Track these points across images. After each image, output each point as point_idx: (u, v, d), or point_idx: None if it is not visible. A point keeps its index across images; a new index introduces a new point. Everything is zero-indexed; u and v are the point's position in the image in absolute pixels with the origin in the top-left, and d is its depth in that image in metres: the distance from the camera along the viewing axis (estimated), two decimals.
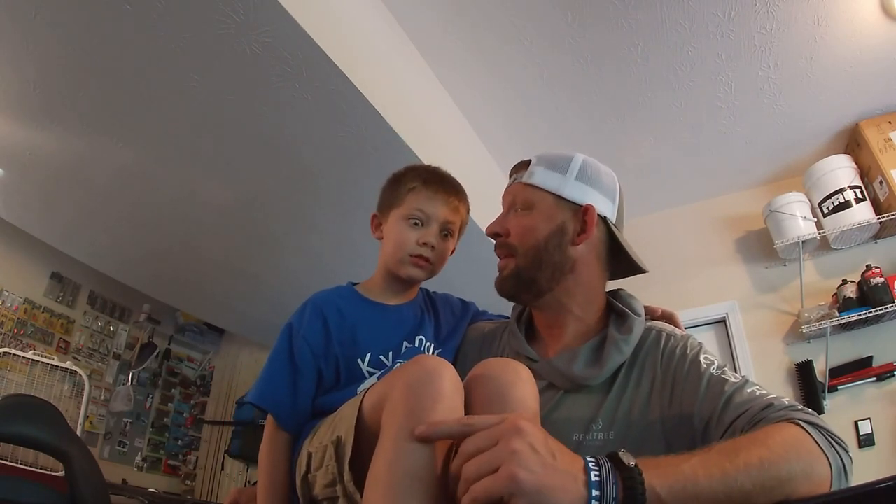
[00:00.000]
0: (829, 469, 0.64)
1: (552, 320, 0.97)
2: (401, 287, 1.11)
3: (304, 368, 0.99)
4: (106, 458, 3.68)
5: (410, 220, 1.07)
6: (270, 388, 1.00)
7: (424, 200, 1.07)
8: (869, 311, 2.55)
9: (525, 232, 0.94)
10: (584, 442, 0.83)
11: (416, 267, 1.06)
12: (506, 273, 0.96)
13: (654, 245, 3.32)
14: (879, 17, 2.27)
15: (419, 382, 0.69)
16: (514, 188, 1.01)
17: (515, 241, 0.95)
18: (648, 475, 0.58)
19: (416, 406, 0.67)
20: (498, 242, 0.99)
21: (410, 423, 0.65)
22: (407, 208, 1.08)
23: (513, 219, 0.97)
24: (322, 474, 0.81)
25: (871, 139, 2.71)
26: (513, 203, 0.99)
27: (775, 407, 0.73)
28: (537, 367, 0.91)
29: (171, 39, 1.73)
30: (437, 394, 0.68)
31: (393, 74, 2.22)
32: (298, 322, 1.03)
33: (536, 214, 0.95)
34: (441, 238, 1.08)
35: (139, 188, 2.55)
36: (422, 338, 1.07)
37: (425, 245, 1.05)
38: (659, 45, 2.36)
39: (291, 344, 1.01)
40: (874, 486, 0.53)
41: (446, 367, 0.71)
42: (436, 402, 0.67)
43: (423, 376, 0.69)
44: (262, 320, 3.85)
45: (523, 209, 0.97)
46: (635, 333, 0.90)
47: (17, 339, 3.30)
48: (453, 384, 0.70)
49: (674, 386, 0.84)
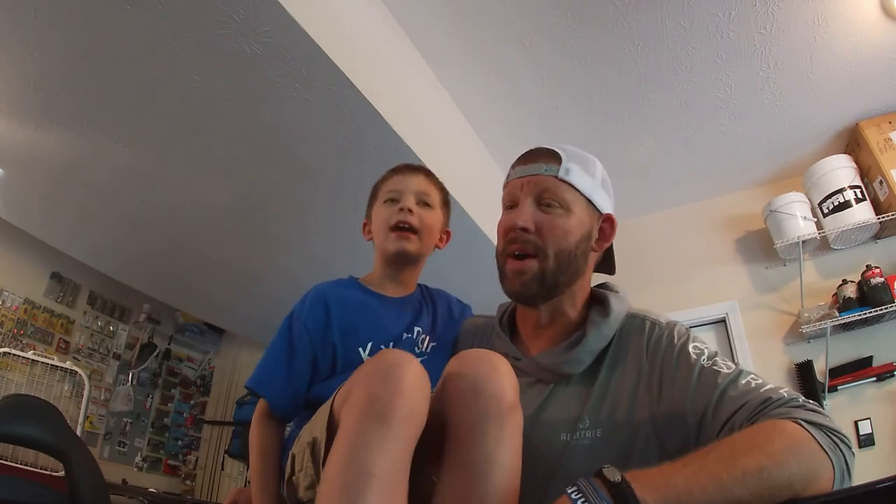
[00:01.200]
0: (832, 471, 0.63)
1: (545, 320, 0.93)
2: (397, 272, 1.12)
3: (300, 352, 1.01)
4: (106, 458, 3.68)
5: (387, 200, 1.12)
6: (267, 373, 1.01)
7: (394, 181, 1.13)
8: (869, 311, 2.55)
9: (561, 234, 0.88)
10: (572, 442, 0.81)
11: (401, 239, 1.08)
12: (529, 276, 0.88)
13: (654, 245, 3.33)
14: (879, 17, 2.27)
15: (379, 376, 0.67)
16: (545, 180, 0.89)
17: (546, 241, 0.88)
18: (639, 488, 0.57)
19: (375, 399, 0.65)
20: (521, 237, 0.88)
21: (368, 417, 0.63)
22: (381, 195, 1.14)
23: (544, 216, 0.89)
24: (303, 476, 0.80)
25: (871, 139, 2.71)
26: (541, 196, 0.89)
27: (774, 401, 0.70)
28: (523, 365, 0.90)
29: (171, 39, 1.73)
30: (396, 387, 0.66)
31: (393, 74, 2.22)
32: (300, 309, 1.05)
33: (573, 217, 0.89)
34: (420, 207, 1.10)
35: (139, 188, 2.55)
36: (419, 329, 1.08)
37: (402, 210, 1.08)
38: (659, 45, 2.36)
39: (291, 330, 1.03)
40: (874, 486, 0.53)
41: (409, 361, 0.69)
42: (394, 396, 0.65)
43: (384, 369, 0.68)
44: (262, 320, 3.85)
45: (560, 207, 0.89)
46: (616, 313, 0.89)
47: (17, 339, 3.30)
48: (416, 378, 0.68)
49: (662, 379, 0.81)
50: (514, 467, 0.68)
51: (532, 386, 0.89)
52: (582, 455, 0.79)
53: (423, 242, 1.10)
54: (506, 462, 0.67)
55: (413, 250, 1.09)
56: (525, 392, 0.88)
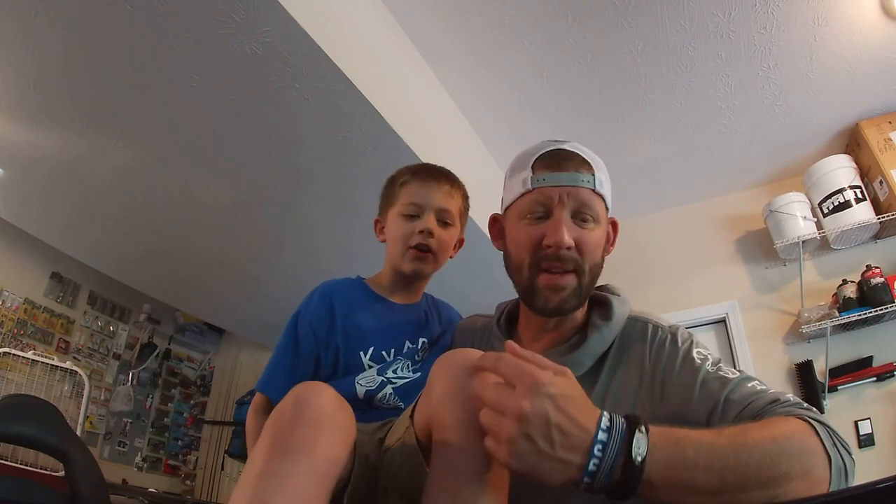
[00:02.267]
0: (829, 468, 0.63)
1: (552, 324, 0.91)
2: (408, 285, 1.12)
3: (304, 351, 1.01)
4: (106, 458, 3.68)
5: (406, 214, 1.08)
6: (273, 373, 1.02)
7: (416, 191, 1.09)
8: (869, 311, 2.55)
9: (596, 248, 0.88)
10: None
11: (418, 260, 1.07)
12: (568, 291, 0.86)
13: (654, 245, 3.33)
14: (879, 17, 2.27)
15: (282, 408, 0.67)
16: (584, 194, 0.86)
17: (585, 258, 0.86)
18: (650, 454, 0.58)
19: (278, 432, 0.64)
20: (563, 255, 0.84)
21: (271, 450, 0.62)
22: (401, 204, 1.09)
23: (581, 231, 0.86)
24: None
25: (871, 139, 2.71)
26: (579, 210, 0.86)
27: (780, 402, 0.71)
28: None
29: (172, 39, 1.73)
30: (300, 419, 0.65)
31: (393, 74, 2.22)
32: (306, 308, 1.05)
33: (602, 230, 0.89)
34: (440, 226, 1.08)
35: (139, 188, 2.55)
36: (424, 340, 1.08)
37: (422, 233, 1.06)
38: (659, 45, 2.36)
39: (297, 329, 1.03)
40: (874, 486, 0.53)
41: (316, 393, 0.68)
42: (296, 428, 0.64)
43: (290, 402, 0.67)
44: (262, 320, 3.85)
45: (593, 221, 0.87)
46: (617, 316, 0.88)
47: (17, 339, 3.30)
48: (324, 408, 0.67)
49: (665, 382, 0.81)
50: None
51: None
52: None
53: (438, 262, 1.10)
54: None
55: (429, 271, 1.10)
56: None
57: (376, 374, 1.01)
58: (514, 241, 0.90)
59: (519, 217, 0.89)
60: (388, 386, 1.01)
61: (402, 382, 1.01)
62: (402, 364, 1.03)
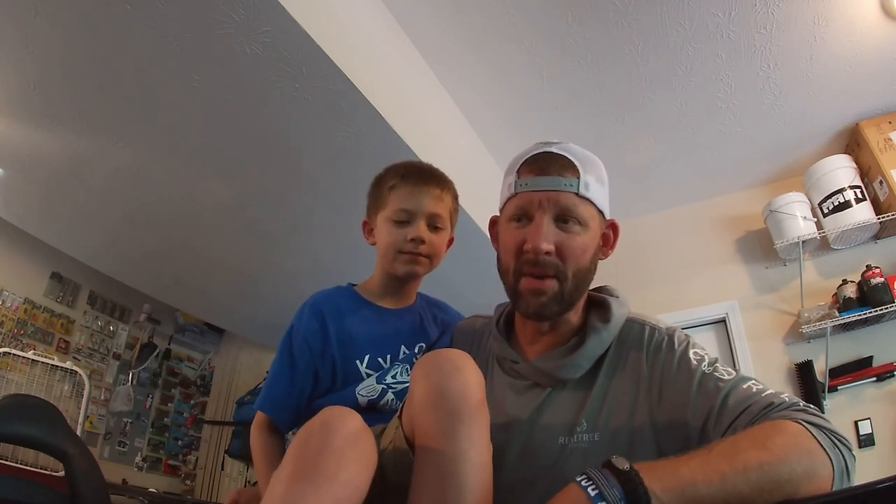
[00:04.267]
0: (832, 469, 0.63)
1: (547, 327, 0.91)
2: (400, 288, 1.11)
3: (301, 366, 1.00)
4: (106, 458, 3.68)
5: (396, 220, 1.06)
6: (273, 393, 1.01)
7: (406, 197, 1.06)
8: (869, 311, 2.55)
9: (580, 253, 0.85)
10: (570, 444, 0.81)
11: (412, 262, 1.06)
12: (548, 296, 0.85)
13: (654, 245, 3.33)
14: (879, 17, 2.27)
15: (306, 434, 0.66)
16: (565, 198, 0.85)
17: (567, 263, 0.84)
18: (647, 477, 0.58)
19: (301, 458, 0.64)
20: (542, 260, 0.84)
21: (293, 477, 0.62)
22: (391, 209, 1.07)
23: (563, 235, 0.85)
24: None
25: (871, 139, 2.71)
26: (561, 214, 0.85)
27: (776, 406, 0.71)
28: (520, 368, 0.90)
29: (172, 39, 1.73)
30: (324, 446, 0.64)
31: (393, 74, 2.22)
32: (298, 322, 1.04)
33: (590, 234, 0.87)
34: (431, 231, 1.07)
35: (139, 188, 2.55)
36: (422, 345, 1.07)
37: (413, 241, 1.04)
38: (659, 45, 2.36)
39: (292, 345, 1.02)
40: (874, 486, 0.53)
41: (341, 419, 0.67)
42: (320, 455, 0.63)
43: (315, 427, 0.66)
44: (262, 320, 3.85)
45: (579, 224, 0.85)
46: (616, 318, 0.88)
47: (17, 339, 3.30)
48: (349, 435, 0.66)
49: (662, 384, 0.81)
50: (485, 464, 0.68)
51: (529, 389, 0.88)
52: (579, 458, 0.79)
53: (432, 264, 1.09)
54: (477, 460, 0.67)
55: (422, 273, 1.08)
56: (522, 395, 0.88)
57: (375, 382, 1.00)
58: (502, 244, 0.91)
59: (507, 221, 0.90)
60: (389, 392, 1.00)
61: (402, 387, 1.01)
62: (401, 369, 1.03)
